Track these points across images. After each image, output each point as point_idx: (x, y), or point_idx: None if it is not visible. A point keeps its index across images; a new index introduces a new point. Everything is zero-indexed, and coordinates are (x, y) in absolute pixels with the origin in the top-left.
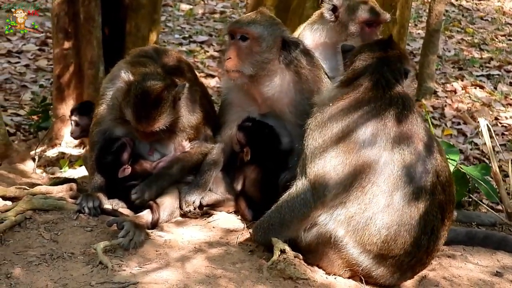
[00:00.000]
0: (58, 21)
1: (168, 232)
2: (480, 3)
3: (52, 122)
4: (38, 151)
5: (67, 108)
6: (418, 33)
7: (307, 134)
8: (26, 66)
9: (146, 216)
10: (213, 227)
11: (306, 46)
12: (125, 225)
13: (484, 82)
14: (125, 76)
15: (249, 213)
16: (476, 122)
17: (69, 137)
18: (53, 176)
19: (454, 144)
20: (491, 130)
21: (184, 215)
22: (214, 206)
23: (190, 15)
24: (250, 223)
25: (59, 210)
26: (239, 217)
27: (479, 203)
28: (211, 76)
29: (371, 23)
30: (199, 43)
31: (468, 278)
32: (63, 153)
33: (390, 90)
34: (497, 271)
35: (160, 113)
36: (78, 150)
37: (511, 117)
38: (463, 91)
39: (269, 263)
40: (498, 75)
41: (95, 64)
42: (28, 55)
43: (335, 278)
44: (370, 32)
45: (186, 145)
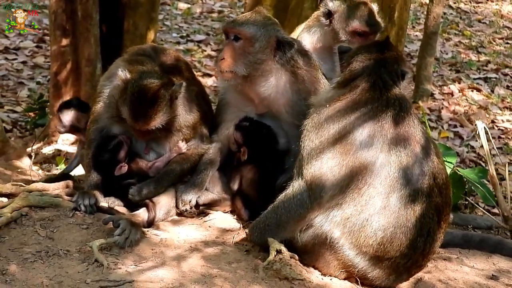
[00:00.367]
0: (56, 18)
1: (164, 231)
2: (478, 6)
3: (48, 119)
4: (34, 148)
5: None
6: (416, 35)
7: (303, 135)
8: (23, 63)
9: (142, 214)
10: (209, 227)
11: (303, 47)
12: (121, 223)
13: (481, 85)
14: (122, 74)
15: (245, 213)
16: (473, 125)
17: (66, 135)
18: (49, 173)
19: (450, 147)
20: (488, 133)
21: (180, 214)
22: (211, 205)
23: (188, 14)
24: (246, 223)
25: (55, 207)
26: (235, 216)
27: (476, 206)
28: (208, 75)
29: (362, 33)
30: (196, 42)
31: (463, 281)
32: (59, 150)
33: (387, 92)
34: (493, 275)
35: (157, 111)
36: (74, 147)
37: (508, 120)
38: (460, 93)
39: (265, 263)
40: (495, 78)
41: (93, 62)
42: (25, 52)
43: (331, 279)
44: (361, 42)
45: (183, 146)
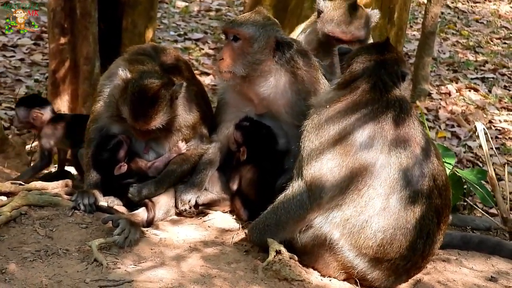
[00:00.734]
0: (54, 16)
1: (164, 230)
2: (476, 6)
3: None
4: (33, 145)
5: (62, 104)
6: (414, 35)
7: (303, 135)
8: (21, 60)
9: (141, 214)
10: (209, 227)
11: (302, 47)
12: (120, 222)
13: (478, 85)
14: (123, 73)
15: (244, 213)
16: (470, 125)
17: None
18: (47, 171)
19: (449, 148)
20: (487, 134)
21: (179, 214)
22: (210, 205)
23: (186, 13)
24: (245, 223)
25: (54, 206)
26: (235, 216)
27: (474, 207)
28: (206, 74)
29: (338, 39)
30: (194, 40)
31: (462, 283)
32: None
33: (387, 93)
34: (492, 276)
35: (157, 111)
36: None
37: (505, 121)
38: (458, 93)
39: (264, 263)
40: (493, 78)
41: (91, 60)
42: (23, 49)
43: (330, 280)
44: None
45: (182, 146)
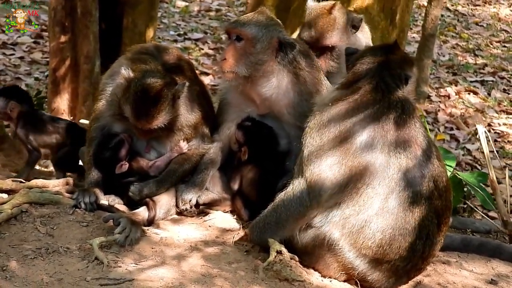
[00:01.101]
0: (55, 14)
1: (164, 229)
2: (476, 9)
3: None
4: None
5: (62, 102)
6: (413, 37)
7: (305, 132)
8: (21, 58)
9: (142, 213)
10: (209, 226)
11: (305, 48)
12: (121, 221)
13: (478, 88)
14: (125, 72)
15: (245, 213)
16: (469, 128)
17: None
18: (46, 169)
19: (449, 150)
20: (488, 137)
21: (180, 213)
22: (211, 205)
23: (186, 12)
24: (246, 223)
25: (55, 204)
26: (235, 216)
27: (475, 209)
28: (206, 74)
29: (309, 44)
30: (194, 40)
31: (463, 285)
32: None
33: (389, 94)
34: (492, 279)
35: (159, 111)
36: None
37: (504, 124)
38: (457, 96)
39: (265, 264)
40: (492, 81)
41: (91, 59)
42: (23, 47)
43: (331, 281)
44: (315, 53)
45: (184, 146)
